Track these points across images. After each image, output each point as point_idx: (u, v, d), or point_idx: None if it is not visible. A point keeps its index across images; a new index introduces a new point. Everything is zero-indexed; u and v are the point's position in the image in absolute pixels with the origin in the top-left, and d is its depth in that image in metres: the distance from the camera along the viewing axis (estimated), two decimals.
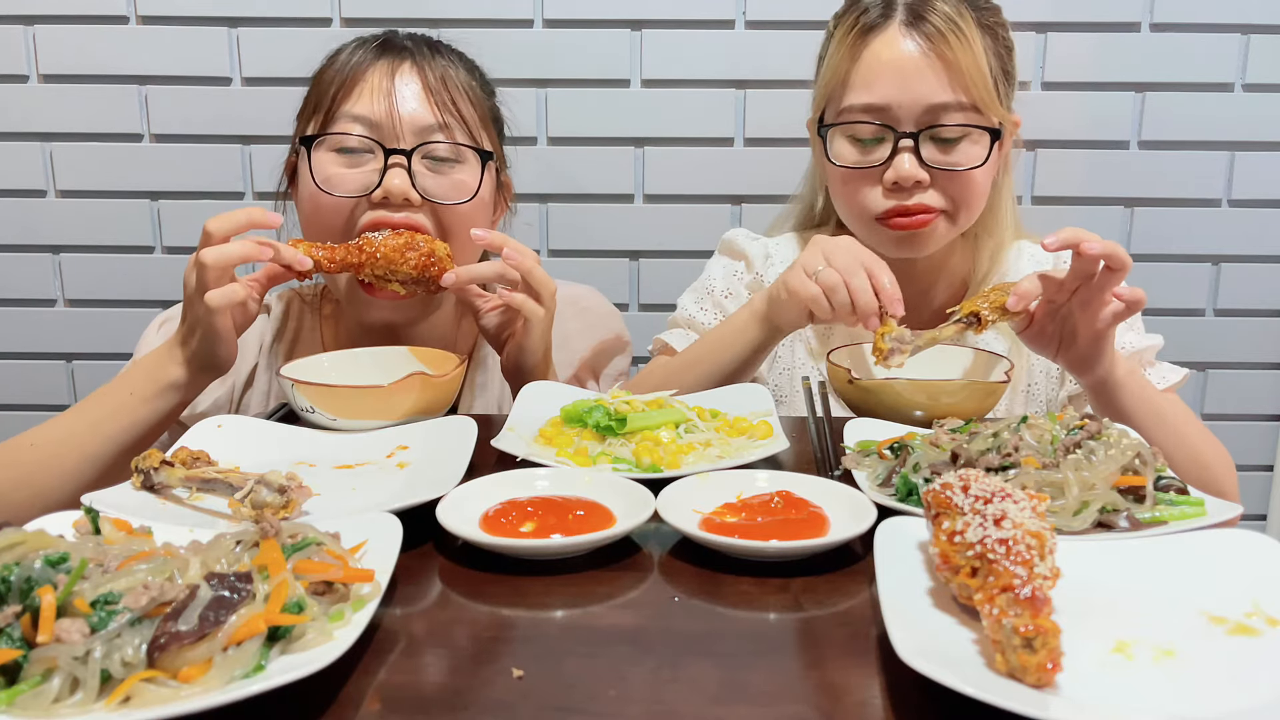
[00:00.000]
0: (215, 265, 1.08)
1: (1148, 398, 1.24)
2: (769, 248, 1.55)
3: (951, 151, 1.33)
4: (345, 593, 0.69)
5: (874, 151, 1.34)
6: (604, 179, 2.07)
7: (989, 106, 1.31)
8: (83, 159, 2.05)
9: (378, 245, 1.19)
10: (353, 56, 1.31)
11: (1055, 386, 1.49)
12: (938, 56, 1.29)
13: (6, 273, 2.11)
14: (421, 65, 1.30)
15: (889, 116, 1.32)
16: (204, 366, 1.14)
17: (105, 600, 0.61)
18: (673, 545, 0.85)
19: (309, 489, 0.88)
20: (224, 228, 1.11)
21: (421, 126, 1.28)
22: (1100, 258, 1.10)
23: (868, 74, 1.33)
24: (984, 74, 1.30)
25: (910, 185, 1.32)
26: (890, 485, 0.92)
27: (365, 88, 1.28)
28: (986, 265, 1.47)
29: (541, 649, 0.68)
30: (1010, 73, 1.39)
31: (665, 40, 1.99)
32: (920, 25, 1.30)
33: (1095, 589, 0.73)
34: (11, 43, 1.99)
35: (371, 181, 1.26)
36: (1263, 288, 2.11)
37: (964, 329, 1.18)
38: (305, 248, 1.18)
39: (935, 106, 1.30)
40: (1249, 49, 1.99)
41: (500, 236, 1.21)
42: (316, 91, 1.33)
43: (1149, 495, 0.84)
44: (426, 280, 1.20)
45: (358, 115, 1.27)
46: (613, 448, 1.03)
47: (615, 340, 1.56)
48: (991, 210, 1.45)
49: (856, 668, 0.66)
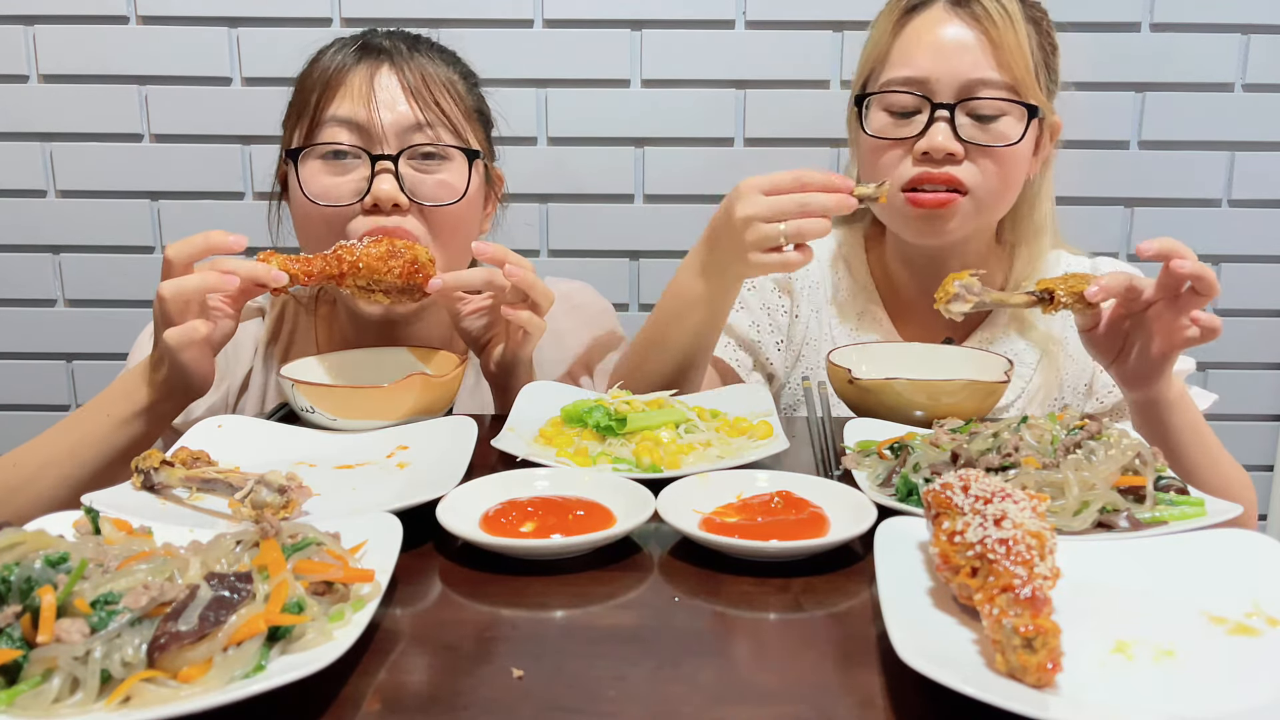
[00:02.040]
0: (174, 299, 1.07)
1: (1193, 421, 1.21)
2: None
3: (987, 128, 1.31)
4: (345, 593, 0.69)
5: (909, 123, 1.33)
6: (604, 179, 2.07)
7: (1028, 89, 1.30)
8: (83, 159, 2.05)
9: (359, 255, 1.17)
10: (333, 60, 1.30)
11: (1082, 403, 1.47)
12: (981, 34, 1.29)
13: (6, 273, 2.11)
14: (400, 65, 1.29)
15: (927, 89, 1.31)
16: (176, 392, 1.12)
17: (105, 600, 0.61)
18: (673, 545, 0.85)
19: (309, 489, 0.88)
20: (182, 255, 1.08)
21: (404, 127, 1.27)
22: (1189, 278, 1.05)
23: (908, 49, 1.32)
24: (1025, 57, 1.29)
25: (941, 157, 1.30)
26: (890, 485, 0.92)
27: (346, 92, 1.27)
28: (1023, 272, 1.44)
29: (541, 649, 0.68)
30: (1053, 69, 1.37)
31: (665, 40, 1.99)
32: (966, 4, 1.30)
33: (1095, 589, 0.73)
34: (11, 43, 1.99)
35: (360, 188, 1.26)
36: (1263, 288, 2.10)
37: (1035, 302, 1.14)
38: (280, 261, 1.14)
39: (974, 81, 1.29)
40: (1249, 49, 1.99)
41: (500, 250, 1.18)
42: (300, 98, 1.32)
43: (1149, 495, 0.84)
44: (412, 288, 1.18)
45: (342, 119, 1.26)
46: (613, 448, 1.03)
47: (609, 336, 1.56)
48: (1029, 216, 1.43)
49: (856, 668, 0.66)
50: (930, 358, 1.29)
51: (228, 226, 2.09)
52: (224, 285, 1.08)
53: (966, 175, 1.31)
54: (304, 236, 1.33)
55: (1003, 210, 1.40)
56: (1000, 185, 1.34)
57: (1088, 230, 2.04)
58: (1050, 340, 1.45)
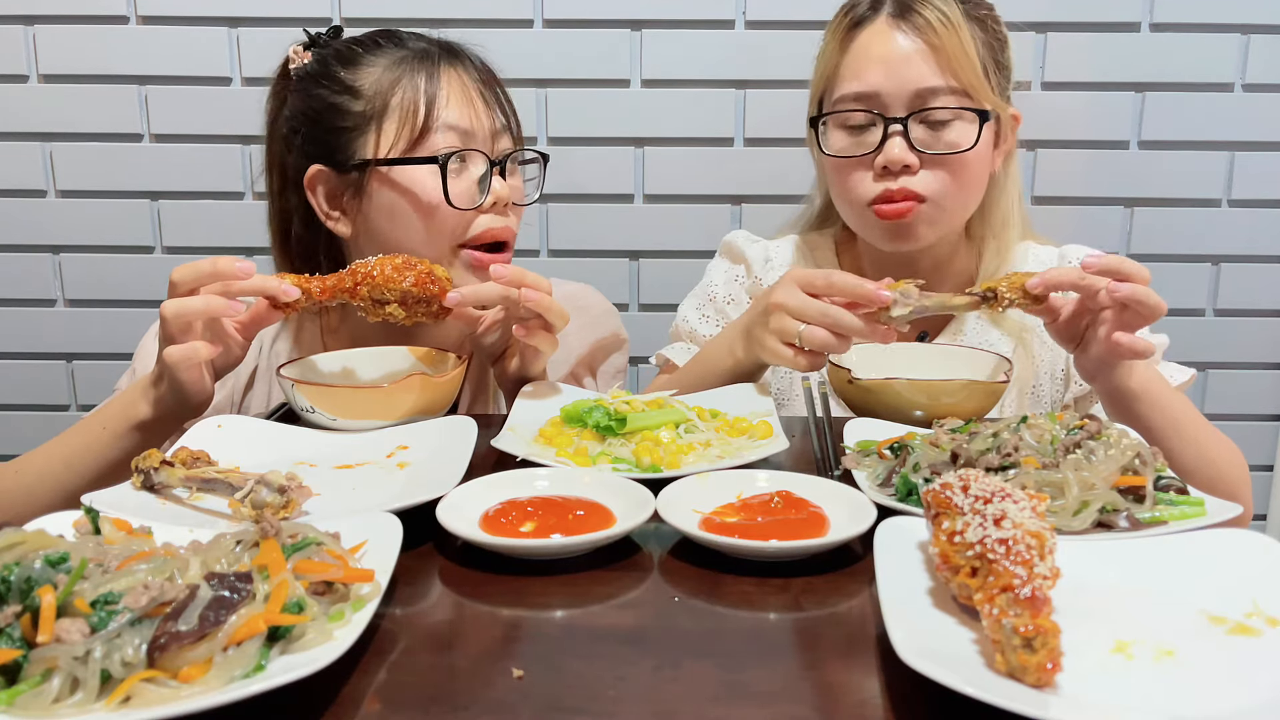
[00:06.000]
0: (175, 319, 1.06)
1: (1164, 406, 1.19)
2: (769, 250, 1.55)
3: (941, 135, 1.33)
4: (345, 593, 0.69)
5: (865, 138, 1.35)
6: (604, 179, 2.07)
7: (978, 92, 1.32)
8: (83, 159, 2.05)
9: (372, 266, 1.16)
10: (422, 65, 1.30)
11: (1060, 389, 1.48)
12: (925, 43, 1.31)
13: (6, 273, 2.10)
14: (470, 68, 1.34)
15: (878, 103, 1.33)
16: (174, 410, 1.11)
17: (105, 600, 0.61)
18: (673, 545, 0.85)
19: (309, 489, 0.88)
20: (187, 278, 1.08)
21: (495, 130, 1.33)
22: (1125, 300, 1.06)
23: (857, 64, 1.34)
24: (972, 60, 1.31)
25: (899, 170, 1.32)
26: (890, 485, 0.92)
27: (451, 95, 1.30)
28: (992, 266, 1.46)
29: (541, 649, 0.68)
30: (1003, 64, 1.38)
31: (665, 40, 1.99)
32: (908, 16, 1.32)
33: (1095, 589, 0.73)
34: (11, 43, 1.99)
35: (475, 191, 1.31)
36: (1263, 288, 2.10)
37: (979, 303, 1.14)
38: (292, 279, 1.14)
39: (924, 91, 1.31)
40: (1249, 49, 1.99)
41: (518, 272, 1.17)
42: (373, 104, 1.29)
43: (1149, 495, 0.84)
44: (428, 299, 1.17)
45: (452, 125, 1.29)
46: (613, 448, 1.03)
47: (613, 338, 1.56)
48: (995, 209, 1.45)
49: (856, 668, 0.66)
50: (930, 358, 1.29)
51: (227, 226, 2.12)
52: (228, 311, 1.08)
53: (924, 185, 1.34)
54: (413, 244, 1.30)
55: (968, 211, 1.42)
56: (960, 189, 1.36)
57: (1088, 230, 2.04)
58: (1024, 329, 1.46)
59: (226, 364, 1.15)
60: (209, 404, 1.13)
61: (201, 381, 1.09)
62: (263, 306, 1.13)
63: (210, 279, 1.08)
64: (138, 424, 1.11)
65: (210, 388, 1.12)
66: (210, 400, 1.13)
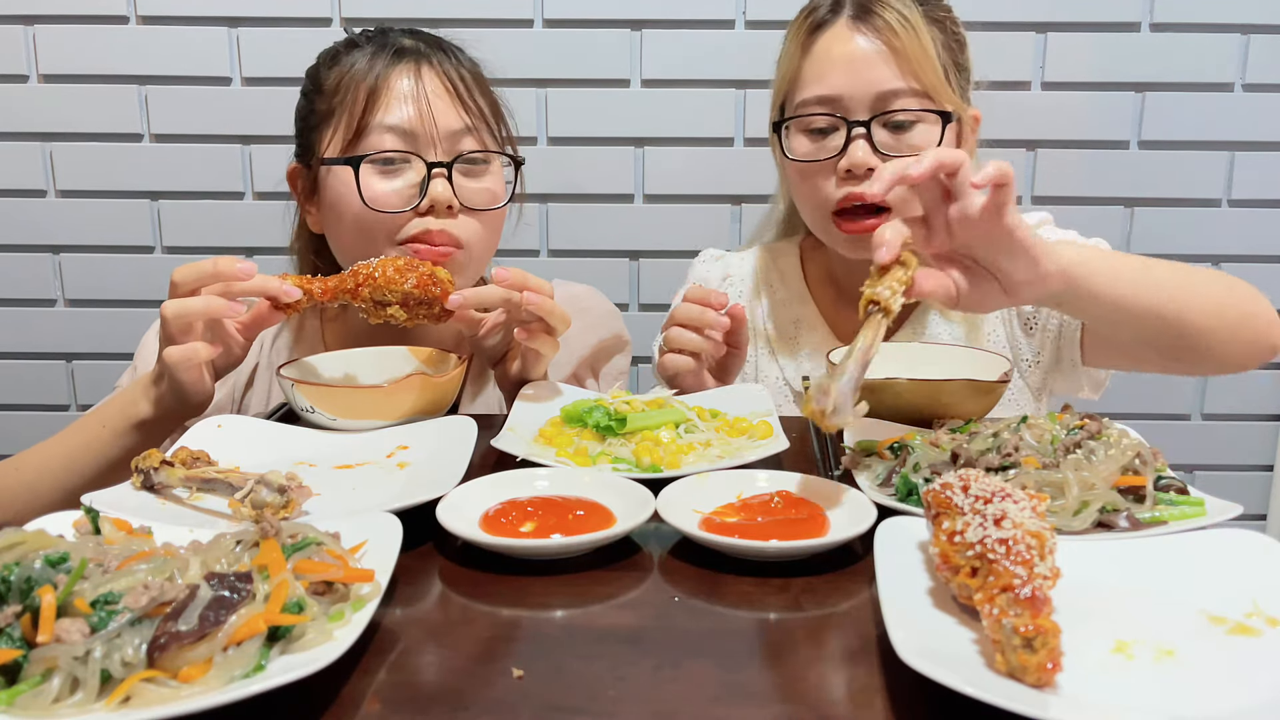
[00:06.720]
0: (175, 319, 1.07)
1: (1118, 268, 1.02)
2: (729, 267, 1.58)
3: (904, 138, 1.32)
4: (345, 593, 0.68)
5: (828, 142, 1.34)
6: (604, 179, 2.07)
7: (940, 93, 1.32)
8: (83, 159, 2.05)
9: (374, 268, 1.16)
10: (367, 64, 1.29)
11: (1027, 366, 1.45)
12: (886, 45, 1.30)
13: (6, 273, 2.11)
14: (436, 67, 1.31)
15: (841, 107, 1.32)
16: (174, 409, 1.11)
17: (105, 600, 0.61)
18: (673, 545, 0.85)
19: (309, 489, 0.88)
20: (188, 279, 1.08)
21: (452, 131, 1.29)
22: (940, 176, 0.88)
23: (818, 67, 1.34)
24: (933, 61, 1.31)
25: (863, 173, 1.31)
26: (890, 485, 0.92)
27: (391, 96, 1.28)
28: None
29: (541, 649, 0.68)
30: (963, 65, 1.38)
31: (665, 40, 1.99)
32: (868, 19, 1.31)
33: (1095, 589, 0.73)
34: (11, 43, 1.99)
35: (411, 194, 1.28)
36: (1263, 288, 2.10)
37: (876, 323, 0.89)
38: (294, 280, 1.14)
39: (886, 93, 1.30)
40: (1249, 49, 1.99)
41: (520, 275, 1.16)
42: (328, 103, 1.31)
43: (1149, 495, 0.84)
44: (430, 301, 1.17)
45: (390, 126, 1.27)
46: (613, 448, 1.03)
47: (615, 340, 1.56)
48: None
49: (856, 668, 0.66)
50: (930, 358, 1.28)
51: (228, 226, 2.12)
52: (229, 311, 1.08)
53: None
54: (347, 241, 1.32)
55: None
56: None
57: (1088, 230, 2.03)
58: (967, 316, 1.45)
59: (227, 364, 1.15)
60: (209, 404, 1.13)
61: (202, 382, 1.09)
62: (264, 307, 1.13)
63: (211, 279, 1.08)
64: (138, 423, 1.12)
65: (211, 388, 1.12)
66: (211, 400, 1.13)
